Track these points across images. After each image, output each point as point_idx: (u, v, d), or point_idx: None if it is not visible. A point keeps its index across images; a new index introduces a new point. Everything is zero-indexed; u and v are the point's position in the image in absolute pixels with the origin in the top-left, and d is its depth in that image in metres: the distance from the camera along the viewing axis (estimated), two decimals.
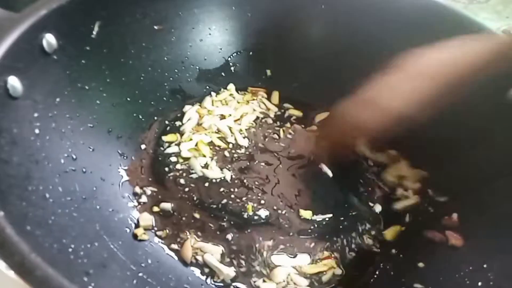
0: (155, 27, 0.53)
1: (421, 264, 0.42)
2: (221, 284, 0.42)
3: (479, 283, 0.35)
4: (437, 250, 0.42)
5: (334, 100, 0.47)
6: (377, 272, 0.44)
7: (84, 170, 0.42)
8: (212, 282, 0.42)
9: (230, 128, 0.56)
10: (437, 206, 0.47)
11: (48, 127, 0.39)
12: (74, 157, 0.41)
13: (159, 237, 0.45)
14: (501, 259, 0.37)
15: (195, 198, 0.48)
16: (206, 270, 0.43)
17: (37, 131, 0.37)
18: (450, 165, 0.48)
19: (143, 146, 0.52)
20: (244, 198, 0.49)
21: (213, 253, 0.44)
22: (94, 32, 0.45)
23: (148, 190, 0.48)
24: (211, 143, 0.54)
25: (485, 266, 0.37)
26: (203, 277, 0.43)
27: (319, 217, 0.49)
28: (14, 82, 0.35)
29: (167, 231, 0.45)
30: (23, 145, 0.35)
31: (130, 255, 0.40)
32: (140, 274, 0.38)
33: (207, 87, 0.59)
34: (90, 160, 0.43)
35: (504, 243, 0.39)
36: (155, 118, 0.54)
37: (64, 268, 0.26)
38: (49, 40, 0.39)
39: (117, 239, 0.40)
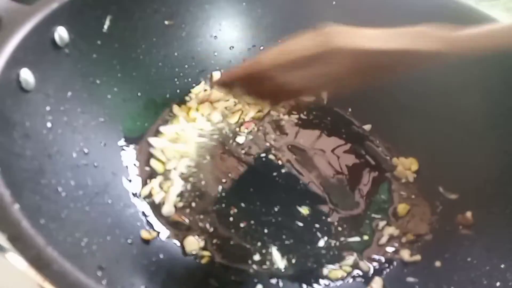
0: (166, 22, 0.53)
1: (438, 263, 0.41)
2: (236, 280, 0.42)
3: (497, 283, 0.35)
4: (452, 248, 0.42)
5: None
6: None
7: (96, 164, 0.42)
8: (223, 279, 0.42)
9: None
10: (449, 204, 0.46)
11: (60, 121, 0.39)
12: (86, 151, 0.41)
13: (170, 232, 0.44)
14: None
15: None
16: (217, 265, 0.42)
17: (49, 124, 0.37)
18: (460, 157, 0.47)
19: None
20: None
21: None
22: (105, 27, 0.45)
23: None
24: None
25: (502, 266, 0.36)
26: (214, 272, 0.42)
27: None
28: (26, 75, 0.35)
29: (178, 226, 0.45)
30: (35, 139, 0.35)
31: (142, 249, 0.40)
32: (152, 269, 0.38)
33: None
34: (102, 155, 0.43)
35: None
36: (166, 113, 0.54)
37: (78, 262, 0.26)
38: (61, 33, 0.39)
39: (129, 234, 0.40)
